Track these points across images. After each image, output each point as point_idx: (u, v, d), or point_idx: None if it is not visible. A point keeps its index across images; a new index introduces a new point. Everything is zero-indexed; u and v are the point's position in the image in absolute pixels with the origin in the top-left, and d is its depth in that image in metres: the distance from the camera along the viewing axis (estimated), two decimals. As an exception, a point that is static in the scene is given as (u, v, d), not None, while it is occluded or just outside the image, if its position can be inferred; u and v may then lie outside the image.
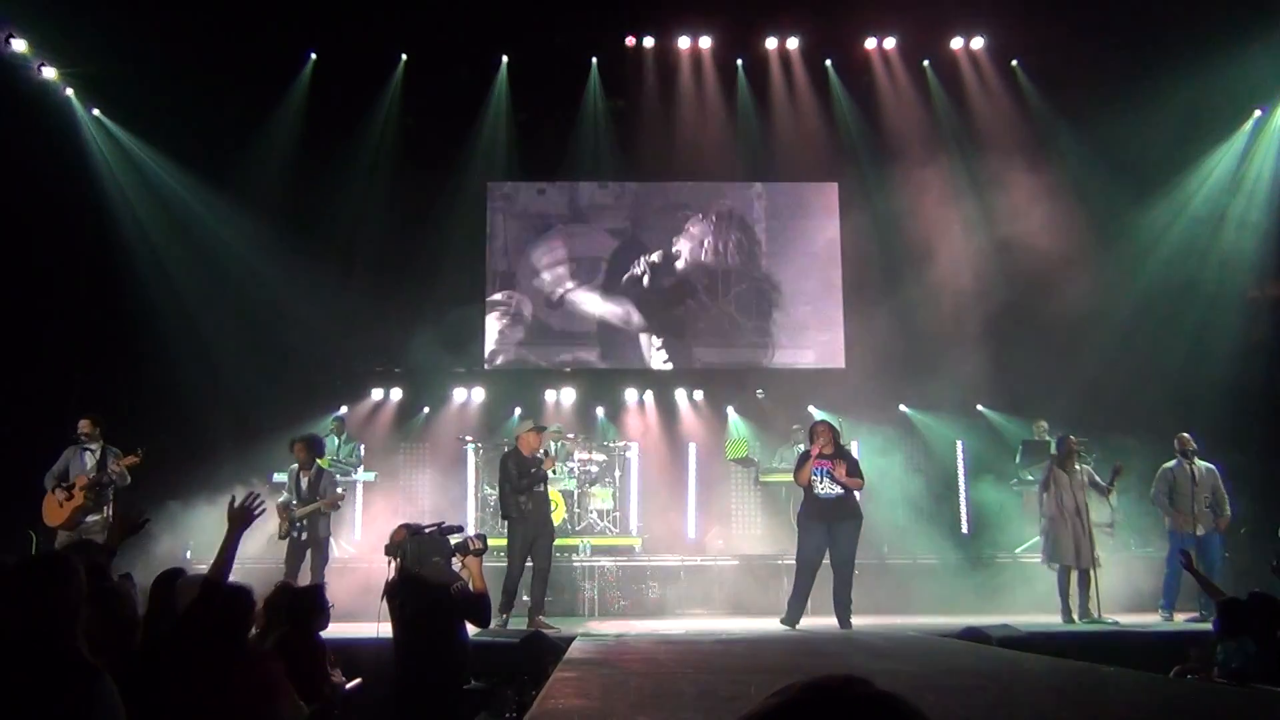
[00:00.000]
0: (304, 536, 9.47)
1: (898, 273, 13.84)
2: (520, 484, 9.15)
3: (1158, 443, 10.59)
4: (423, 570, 5.66)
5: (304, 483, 9.61)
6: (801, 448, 10.31)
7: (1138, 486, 10.50)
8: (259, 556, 10.13)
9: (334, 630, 6.00)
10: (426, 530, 5.87)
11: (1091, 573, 9.48)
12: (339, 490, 9.95)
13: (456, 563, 5.90)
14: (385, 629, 5.75)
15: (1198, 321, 12.36)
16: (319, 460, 9.96)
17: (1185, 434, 9.95)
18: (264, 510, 4.53)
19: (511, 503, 9.19)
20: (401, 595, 5.60)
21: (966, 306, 13.22)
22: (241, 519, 4.41)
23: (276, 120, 13.15)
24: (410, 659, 5.52)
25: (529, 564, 9.24)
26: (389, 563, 5.81)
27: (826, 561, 8.95)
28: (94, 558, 4.62)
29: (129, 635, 3.97)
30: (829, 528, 8.77)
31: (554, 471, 10.13)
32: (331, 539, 10.94)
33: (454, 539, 5.89)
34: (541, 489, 9.33)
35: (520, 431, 9.57)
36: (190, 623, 4.06)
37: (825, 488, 8.81)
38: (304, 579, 8.97)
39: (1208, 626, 6.84)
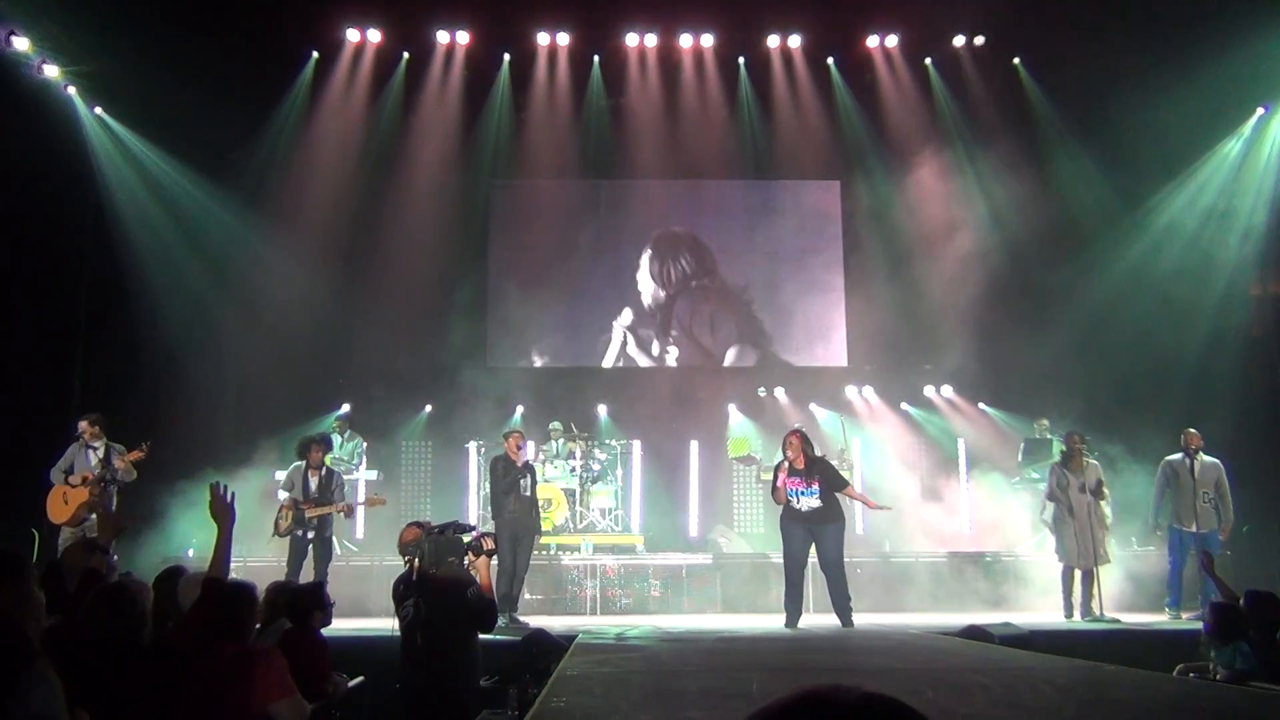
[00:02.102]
0: (309, 535, 9.45)
1: (900, 271, 13.84)
2: (505, 484, 9.31)
3: (1156, 438, 10.60)
4: (439, 571, 5.64)
5: (314, 483, 9.55)
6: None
7: (1141, 484, 10.50)
8: (260, 554, 10.15)
9: (337, 627, 6.01)
10: (439, 529, 5.84)
11: (1095, 571, 9.48)
12: (348, 502, 9.90)
13: (466, 562, 5.88)
14: (397, 628, 5.73)
15: (1199, 318, 12.33)
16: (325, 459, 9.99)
17: (1193, 430, 9.91)
18: (235, 496, 4.52)
19: (500, 504, 9.32)
20: (417, 596, 5.58)
21: (969, 305, 13.22)
22: (226, 514, 4.41)
23: (279, 119, 13.18)
24: (426, 661, 5.49)
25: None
26: (406, 562, 5.78)
27: (815, 561, 8.93)
28: (90, 561, 4.64)
29: (137, 631, 3.98)
30: (810, 530, 8.74)
31: (543, 472, 10.21)
32: (331, 537, 10.96)
33: (465, 538, 5.87)
34: (528, 494, 9.44)
35: (507, 432, 9.77)
36: (194, 621, 4.07)
37: (803, 504, 8.76)
38: (305, 576, 8.97)
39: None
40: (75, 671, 3.63)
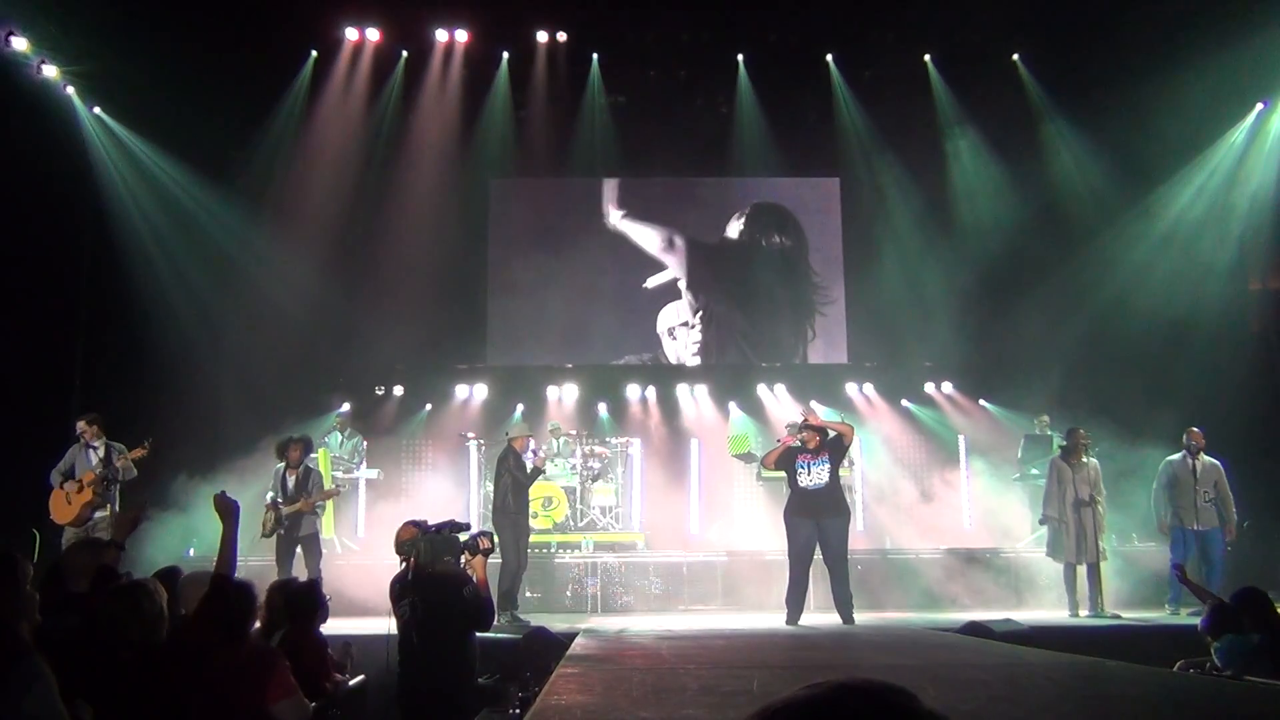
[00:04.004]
0: (291, 535, 9.49)
1: (900, 267, 13.80)
2: (530, 478, 9.47)
3: (1157, 434, 10.59)
4: (435, 569, 5.64)
5: (290, 481, 9.58)
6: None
7: (1141, 478, 10.48)
8: (252, 554, 10.16)
9: (337, 626, 6.00)
10: (435, 528, 5.84)
11: (1098, 567, 9.48)
12: (321, 493, 9.89)
13: (462, 561, 5.89)
14: (394, 627, 5.74)
15: (1199, 314, 12.31)
16: (318, 456, 9.99)
17: (1196, 429, 9.94)
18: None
19: (513, 499, 9.35)
20: (413, 595, 5.59)
21: (969, 302, 13.20)
22: (231, 509, 4.41)
23: (277, 118, 13.17)
24: (422, 660, 5.49)
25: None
26: (401, 561, 5.78)
27: (819, 558, 8.93)
28: (103, 558, 4.64)
29: (154, 631, 3.99)
30: (816, 524, 8.73)
31: (543, 471, 10.29)
32: (332, 536, 10.97)
33: (462, 537, 5.88)
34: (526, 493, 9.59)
35: (517, 434, 9.79)
36: (202, 619, 4.07)
37: (810, 479, 8.77)
38: (298, 576, 8.97)
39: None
40: (89, 670, 3.65)
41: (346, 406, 13.05)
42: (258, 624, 5.14)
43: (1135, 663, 5.49)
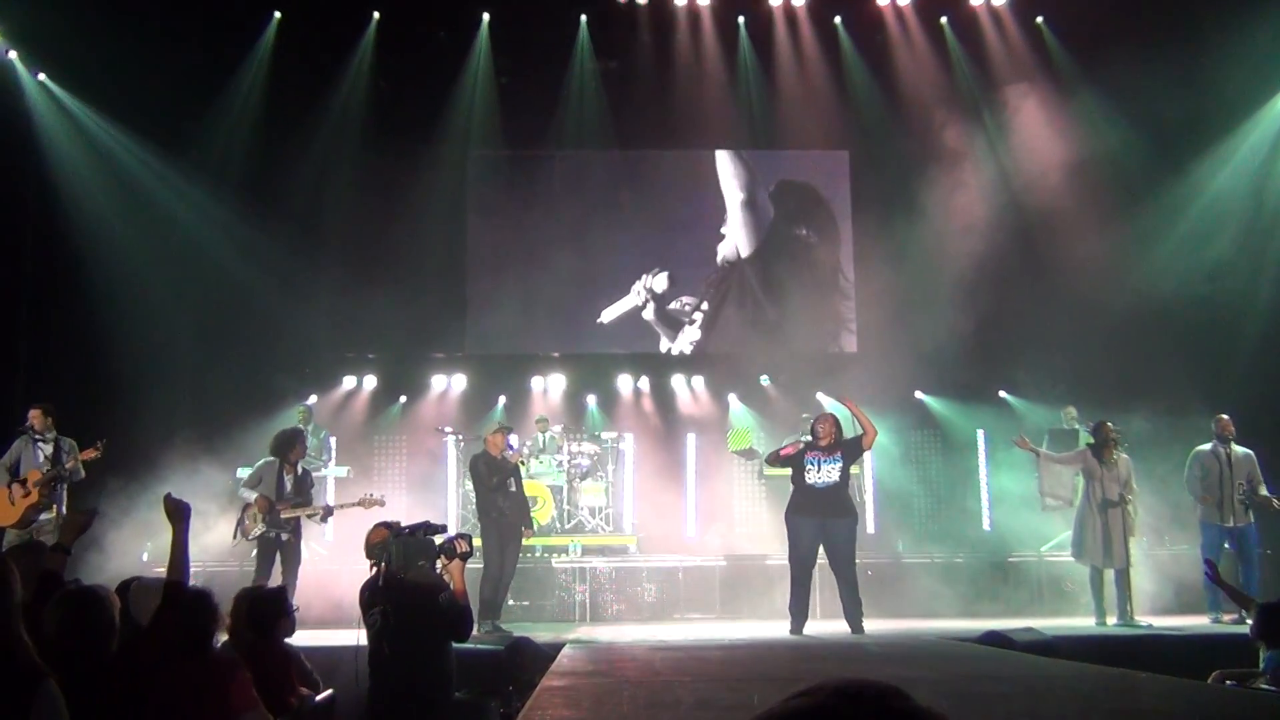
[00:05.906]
0: (283, 537, 9.11)
1: (913, 249, 13.76)
2: (492, 483, 9.38)
3: (1179, 425, 10.60)
4: (408, 575, 5.62)
5: (289, 481, 9.26)
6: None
7: (1163, 477, 10.48)
8: (221, 559, 10.10)
9: (301, 637, 5.99)
10: (409, 530, 5.82)
11: (1128, 572, 9.47)
12: (324, 504, 9.81)
13: (438, 565, 5.87)
14: (364, 637, 5.72)
15: (1230, 300, 12.32)
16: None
17: (1225, 416, 9.91)
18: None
19: (490, 504, 9.38)
20: (385, 602, 5.57)
21: (987, 285, 13.16)
22: (180, 510, 4.38)
23: (238, 86, 13.05)
24: (394, 672, 5.48)
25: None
26: (372, 566, 5.76)
27: (824, 561, 8.92)
28: (46, 563, 4.61)
29: (104, 642, 3.96)
30: (823, 524, 8.72)
31: (524, 464, 10.27)
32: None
33: (437, 540, 5.86)
34: (514, 489, 9.51)
35: (487, 434, 9.81)
36: (158, 630, 4.05)
37: (818, 476, 8.76)
38: (274, 582, 8.90)
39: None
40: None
41: (313, 399, 13.01)
42: (225, 636, 5.13)
43: (1167, 675, 5.49)
